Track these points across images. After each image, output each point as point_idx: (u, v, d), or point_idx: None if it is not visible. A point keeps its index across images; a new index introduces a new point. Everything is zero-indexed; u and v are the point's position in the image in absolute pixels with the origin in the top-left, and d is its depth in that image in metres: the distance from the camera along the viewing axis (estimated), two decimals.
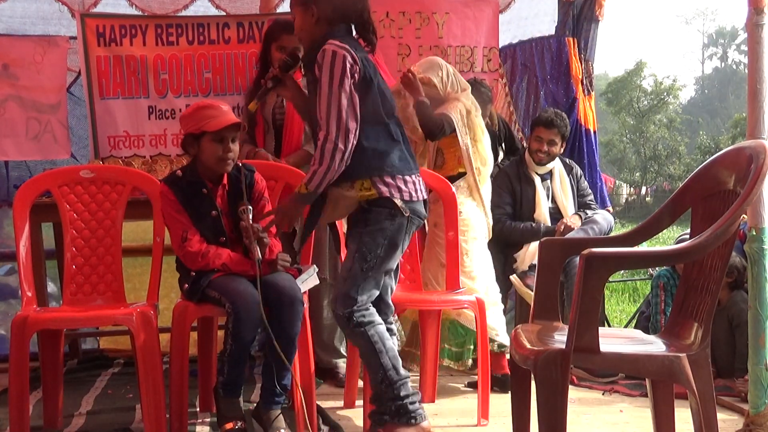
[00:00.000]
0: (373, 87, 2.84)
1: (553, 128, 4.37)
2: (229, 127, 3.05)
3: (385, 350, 2.87)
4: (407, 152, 2.94)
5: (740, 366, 3.70)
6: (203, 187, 3.11)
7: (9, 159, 4.64)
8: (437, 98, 3.88)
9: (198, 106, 3.12)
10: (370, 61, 2.89)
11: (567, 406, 2.16)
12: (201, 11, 4.78)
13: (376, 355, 2.87)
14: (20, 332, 2.95)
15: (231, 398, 3.06)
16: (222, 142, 3.04)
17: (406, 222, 2.88)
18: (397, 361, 2.89)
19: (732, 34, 58.92)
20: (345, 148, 2.77)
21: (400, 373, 2.88)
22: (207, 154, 3.06)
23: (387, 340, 2.89)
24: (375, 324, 2.89)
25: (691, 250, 2.20)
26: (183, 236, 3.04)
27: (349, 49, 2.78)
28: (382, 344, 2.87)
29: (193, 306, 3.07)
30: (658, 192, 34.43)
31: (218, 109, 3.08)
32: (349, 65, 2.76)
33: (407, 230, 2.90)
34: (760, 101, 3.06)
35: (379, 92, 2.86)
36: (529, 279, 4.16)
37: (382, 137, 2.87)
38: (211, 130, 3.02)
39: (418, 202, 2.91)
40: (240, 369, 3.02)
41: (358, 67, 2.78)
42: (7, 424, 3.03)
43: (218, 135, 3.03)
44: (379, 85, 2.87)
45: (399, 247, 2.92)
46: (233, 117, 3.09)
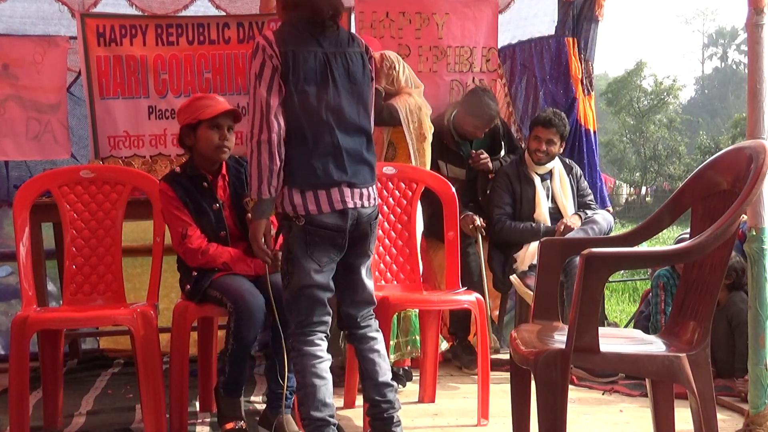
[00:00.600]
0: (290, 85, 2.63)
1: (551, 128, 4.37)
2: (225, 115, 3.10)
3: (304, 385, 2.68)
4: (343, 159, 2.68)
5: (740, 366, 3.70)
6: (204, 180, 3.13)
7: (9, 159, 4.64)
8: (390, 91, 3.95)
9: (193, 98, 3.19)
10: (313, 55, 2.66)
11: (567, 406, 2.16)
12: (201, 11, 4.79)
13: (299, 385, 2.72)
14: (20, 332, 2.96)
15: (232, 398, 3.06)
16: (218, 129, 3.10)
17: (304, 234, 2.65)
18: (314, 400, 2.66)
19: (732, 34, 58.91)
20: (268, 137, 2.59)
21: (312, 415, 2.66)
22: (204, 143, 3.11)
23: (313, 376, 2.67)
24: (304, 355, 2.69)
25: (691, 250, 2.20)
26: (183, 233, 3.05)
27: (273, 40, 2.63)
28: (303, 379, 2.69)
29: (194, 306, 3.07)
30: (658, 192, 34.42)
31: (213, 99, 3.15)
32: (267, 56, 2.61)
33: (310, 242, 2.65)
34: (760, 101, 3.06)
35: (301, 92, 2.64)
36: (529, 279, 4.16)
37: (293, 144, 2.65)
38: (207, 118, 3.08)
39: (328, 213, 2.66)
40: (241, 369, 3.02)
41: (277, 60, 2.61)
42: (7, 424, 3.04)
43: (214, 122, 3.09)
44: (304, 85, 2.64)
45: (306, 260, 2.66)
46: (228, 105, 3.13)
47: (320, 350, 2.73)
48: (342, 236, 2.71)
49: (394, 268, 3.71)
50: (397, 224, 3.73)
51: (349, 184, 2.70)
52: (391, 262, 3.70)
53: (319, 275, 2.70)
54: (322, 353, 2.73)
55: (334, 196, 2.67)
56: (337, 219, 2.68)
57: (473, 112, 4.38)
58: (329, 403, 2.70)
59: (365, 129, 2.79)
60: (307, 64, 2.65)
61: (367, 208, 2.76)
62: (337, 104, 2.70)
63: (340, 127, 2.70)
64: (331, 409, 2.72)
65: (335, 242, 2.71)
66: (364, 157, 2.77)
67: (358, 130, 2.76)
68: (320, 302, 2.73)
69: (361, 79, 2.77)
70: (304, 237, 2.67)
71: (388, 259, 3.70)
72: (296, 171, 2.66)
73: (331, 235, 2.69)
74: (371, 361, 2.84)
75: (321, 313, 2.74)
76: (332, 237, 2.69)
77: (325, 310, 2.76)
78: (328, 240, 2.69)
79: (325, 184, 2.66)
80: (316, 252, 2.68)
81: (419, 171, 3.79)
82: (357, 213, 2.72)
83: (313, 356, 2.70)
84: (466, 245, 4.26)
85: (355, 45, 2.79)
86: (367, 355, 2.85)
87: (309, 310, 2.72)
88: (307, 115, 2.66)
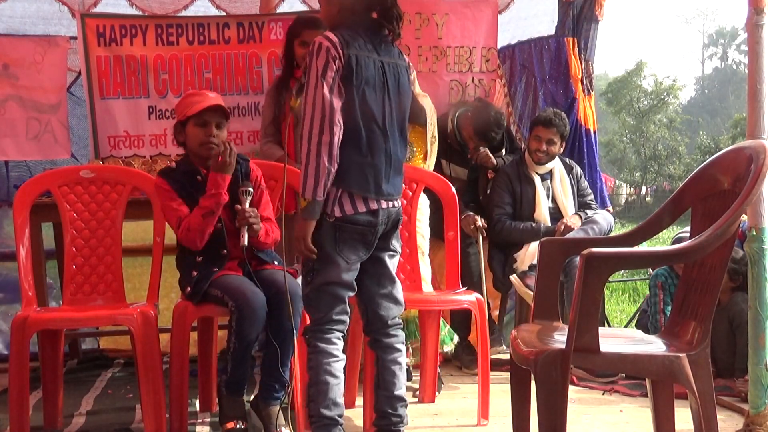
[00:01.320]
0: (352, 88, 2.61)
1: (551, 127, 4.37)
2: (210, 110, 3.10)
3: (317, 382, 2.67)
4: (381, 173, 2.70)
5: (740, 366, 3.70)
6: (197, 174, 3.15)
7: (9, 159, 4.64)
8: None
9: (185, 95, 3.24)
10: (372, 62, 2.66)
11: (567, 406, 2.16)
12: (201, 11, 4.78)
13: (311, 382, 2.71)
14: (20, 332, 2.96)
15: (234, 397, 3.07)
16: (204, 126, 3.11)
17: (334, 230, 2.65)
18: (325, 398, 2.66)
19: (732, 34, 58.91)
20: (330, 139, 2.56)
21: (321, 413, 2.66)
22: (191, 139, 3.14)
23: (327, 374, 2.66)
24: (320, 352, 2.68)
25: (691, 250, 2.20)
26: (178, 223, 3.07)
27: (337, 41, 2.59)
28: (316, 376, 2.68)
29: (193, 306, 3.07)
30: (658, 192, 34.43)
31: (202, 95, 3.17)
32: (331, 57, 2.57)
33: (340, 239, 2.66)
34: (760, 101, 3.06)
35: (361, 97, 2.63)
36: (529, 279, 4.16)
37: (350, 148, 2.64)
38: (192, 114, 3.09)
39: (363, 214, 2.67)
40: (244, 368, 3.03)
41: (340, 62, 2.58)
42: (7, 424, 3.04)
43: (200, 118, 3.10)
44: (365, 90, 2.64)
45: (335, 257, 2.66)
46: (215, 101, 3.13)
47: (336, 349, 2.72)
48: (373, 232, 2.72)
49: None
50: None
51: (388, 197, 2.74)
52: None
53: (346, 274, 2.70)
54: (337, 352, 2.72)
55: (371, 204, 2.69)
56: (368, 216, 2.70)
57: (477, 130, 4.38)
58: (339, 403, 2.70)
59: (406, 141, 2.85)
60: (368, 70, 2.65)
61: (394, 208, 2.79)
62: (390, 112, 2.72)
63: (392, 136, 2.73)
64: (341, 409, 2.71)
65: (365, 239, 2.72)
66: (402, 167, 2.83)
67: (404, 140, 2.81)
68: (341, 300, 2.73)
69: (406, 93, 2.81)
70: (334, 234, 2.67)
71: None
72: (346, 173, 2.65)
73: (362, 231, 2.69)
74: (392, 373, 2.81)
75: (340, 312, 2.73)
76: (363, 233, 2.70)
77: (345, 309, 2.75)
78: (359, 237, 2.70)
79: (372, 193, 2.68)
80: (346, 249, 2.69)
81: (419, 171, 3.79)
82: (387, 212, 2.75)
83: (329, 354, 2.69)
84: (467, 245, 4.26)
85: (403, 59, 2.83)
86: (389, 366, 2.82)
87: (329, 308, 2.71)
88: (365, 120, 2.66)
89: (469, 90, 4.80)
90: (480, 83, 4.80)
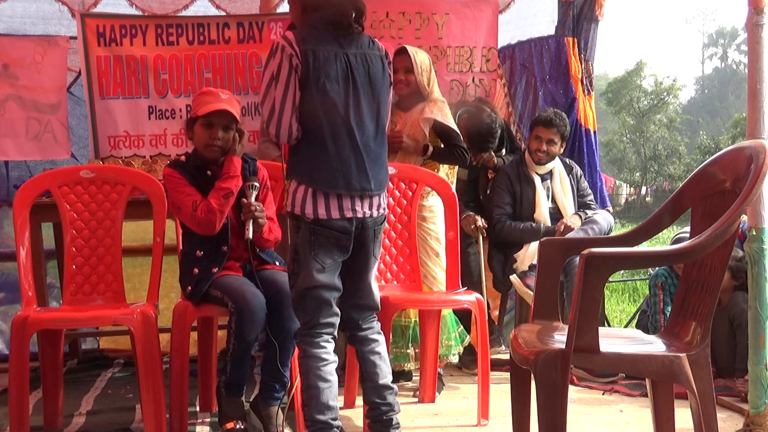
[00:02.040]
0: (310, 85, 2.62)
1: (552, 128, 4.37)
2: (216, 114, 3.08)
3: (308, 387, 2.69)
4: (360, 167, 2.69)
5: (741, 366, 3.70)
6: (207, 169, 3.15)
7: (9, 159, 4.64)
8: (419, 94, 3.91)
9: (200, 92, 3.23)
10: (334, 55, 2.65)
11: (567, 406, 2.16)
12: (201, 11, 4.78)
13: (303, 387, 2.73)
14: (20, 332, 2.96)
15: (234, 398, 3.07)
16: (210, 127, 3.10)
17: (310, 234, 2.66)
18: (317, 402, 2.67)
19: (732, 34, 58.91)
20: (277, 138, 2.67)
21: (314, 417, 2.68)
22: (197, 139, 3.15)
23: (318, 379, 2.68)
24: (309, 357, 2.70)
25: (691, 250, 2.20)
26: (194, 206, 3.05)
27: (293, 39, 2.62)
28: (307, 380, 2.70)
29: (193, 306, 3.07)
30: (658, 192, 34.43)
31: (213, 96, 3.14)
32: (286, 56, 2.60)
33: (315, 242, 2.67)
34: (760, 101, 3.06)
35: (322, 92, 2.63)
36: (529, 279, 4.16)
37: (315, 144, 2.66)
38: (200, 115, 3.09)
39: (337, 220, 2.67)
40: (243, 368, 3.03)
41: (297, 60, 2.60)
42: (7, 424, 3.04)
43: (207, 120, 3.10)
44: (325, 85, 2.63)
45: (310, 261, 2.67)
46: (223, 105, 3.09)
47: (326, 353, 2.73)
48: (347, 238, 2.72)
49: (394, 268, 3.72)
50: (397, 224, 3.73)
51: (363, 192, 2.71)
52: (391, 262, 3.71)
53: (322, 275, 2.70)
54: (327, 355, 2.73)
55: (345, 204, 2.68)
56: (343, 222, 2.70)
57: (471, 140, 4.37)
58: (332, 406, 2.71)
59: (382, 131, 2.80)
60: (328, 63, 2.64)
61: (374, 216, 2.77)
62: (358, 106, 2.69)
63: (361, 129, 2.70)
64: (334, 412, 2.72)
65: (340, 244, 2.71)
66: (382, 160, 2.79)
67: (378, 132, 2.77)
68: (326, 303, 2.73)
69: (380, 83, 2.76)
70: (309, 237, 2.68)
71: (388, 259, 3.70)
72: (315, 173, 2.66)
73: (337, 237, 2.70)
74: (372, 363, 2.84)
75: (328, 314, 2.74)
76: (337, 238, 2.70)
77: (332, 311, 2.76)
78: (333, 241, 2.70)
79: (341, 188, 2.67)
80: (321, 253, 2.69)
81: (419, 171, 3.79)
82: (363, 220, 2.74)
83: (319, 359, 2.71)
84: (467, 245, 4.26)
85: (375, 48, 2.79)
86: (368, 357, 2.85)
87: (316, 311, 2.72)
88: (328, 115, 2.65)
89: (470, 90, 4.81)
90: (480, 83, 4.80)
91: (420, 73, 3.84)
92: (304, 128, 2.67)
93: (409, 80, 3.87)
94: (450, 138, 3.91)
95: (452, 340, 4.01)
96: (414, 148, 3.86)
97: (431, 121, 3.86)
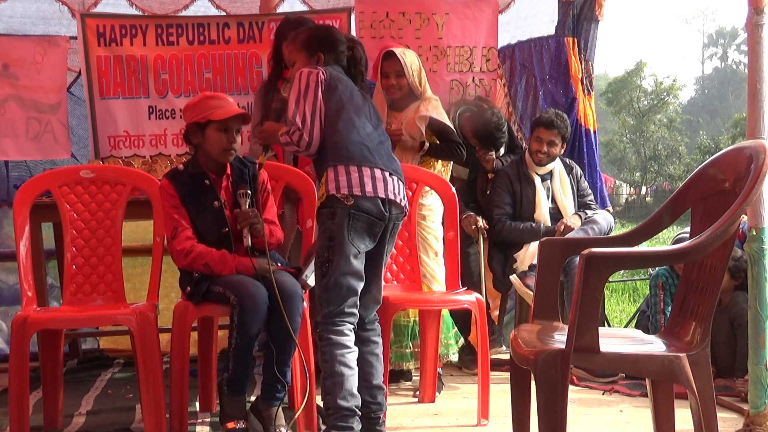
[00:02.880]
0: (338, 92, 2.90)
1: (553, 129, 4.37)
2: (235, 118, 3.11)
3: (332, 374, 2.76)
4: (380, 148, 2.93)
5: (741, 366, 3.70)
6: (206, 178, 3.14)
7: (9, 159, 4.64)
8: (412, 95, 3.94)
9: (204, 96, 3.19)
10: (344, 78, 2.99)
11: (567, 406, 2.16)
12: (201, 11, 4.79)
13: (326, 374, 2.80)
14: (20, 332, 2.96)
15: (236, 396, 3.06)
16: (227, 132, 3.10)
17: (347, 218, 2.79)
18: (341, 389, 2.76)
19: (732, 34, 58.89)
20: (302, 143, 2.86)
21: (338, 404, 2.75)
22: (211, 144, 3.11)
23: (342, 365, 2.77)
24: (333, 344, 2.79)
25: (691, 250, 2.20)
26: (173, 233, 3.07)
27: (321, 68, 2.93)
28: (331, 368, 2.77)
29: (193, 306, 3.07)
30: (658, 192, 34.43)
31: (224, 100, 3.15)
32: (315, 74, 2.89)
33: (351, 227, 2.80)
34: (760, 101, 3.06)
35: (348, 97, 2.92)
36: (529, 279, 4.16)
37: (343, 128, 2.87)
38: (217, 119, 3.07)
39: (372, 198, 2.82)
40: (246, 365, 3.02)
41: (322, 75, 2.90)
42: (7, 424, 3.04)
43: (223, 125, 3.08)
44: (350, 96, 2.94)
45: (347, 246, 2.79)
46: (238, 108, 3.16)
47: (349, 340, 2.83)
48: (380, 225, 2.87)
49: (394, 268, 3.72)
50: None
51: (391, 170, 2.91)
52: (391, 262, 3.70)
53: (357, 261, 2.83)
54: (350, 343, 2.83)
55: (379, 184, 2.84)
56: (379, 206, 2.83)
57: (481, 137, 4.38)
58: (356, 394, 2.80)
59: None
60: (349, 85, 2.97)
61: (399, 205, 2.92)
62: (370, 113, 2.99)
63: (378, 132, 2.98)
64: (358, 400, 2.81)
65: (373, 230, 2.86)
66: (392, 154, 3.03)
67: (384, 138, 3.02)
68: (353, 292, 2.84)
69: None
70: (347, 222, 2.79)
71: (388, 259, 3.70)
72: (345, 147, 2.84)
73: (372, 222, 2.84)
74: (369, 364, 2.95)
75: (352, 305, 2.84)
76: (372, 224, 2.84)
77: (355, 302, 2.86)
78: (368, 227, 2.83)
79: (375, 162, 2.86)
80: (356, 238, 2.81)
81: (419, 171, 3.79)
82: (392, 207, 2.88)
83: (343, 345, 2.80)
84: (467, 245, 4.27)
85: None
86: (366, 358, 2.94)
87: (342, 300, 2.81)
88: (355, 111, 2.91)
89: (470, 90, 4.80)
90: (480, 83, 4.80)
91: (411, 75, 3.89)
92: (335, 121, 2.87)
93: (401, 84, 3.91)
94: (445, 134, 3.95)
95: (450, 338, 4.02)
96: (411, 145, 3.88)
97: (427, 119, 3.89)
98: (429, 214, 3.90)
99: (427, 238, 3.86)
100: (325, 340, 2.80)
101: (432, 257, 3.85)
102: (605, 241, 2.89)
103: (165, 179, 3.15)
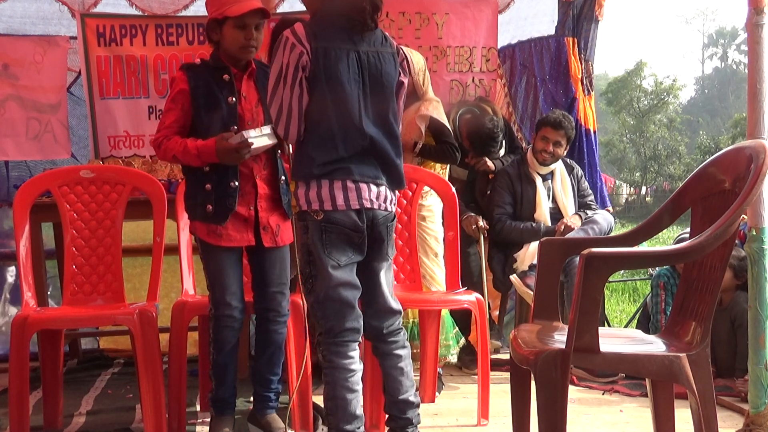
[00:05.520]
0: (322, 85, 2.56)
1: (560, 130, 4.37)
2: (252, 13, 2.91)
3: (334, 397, 2.61)
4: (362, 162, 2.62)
5: (741, 366, 3.70)
6: (226, 72, 2.97)
7: (9, 159, 4.64)
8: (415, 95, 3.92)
9: None
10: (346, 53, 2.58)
11: (567, 406, 2.16)
12: (201, 11, 4.74)
13: (328, 396, 2.64)
14: (20, 332, 2.96)
15: (221, 416, 3.03)
16: (244, 28, 2.92)
17: (320, 232, 2.58)
18: (344, 413, 2.60)
19: (732, 34, 58.90)
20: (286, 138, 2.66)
21: (341, 427, 2.61)
22: (229, 41, 2.94)
23: (344, 390, 2.60)
24: (336, 369, 2.61)
25: (691, 250, 2.20)
26: (162, 125, 2.93)
27: (304, 34, 2.55)
28: (333, 391, 2.61)
29: (191, 303, 3.07)
30: (658, 192, 34.43)
31: None
32: (297, 54, 2.53)
33: (326, 240, 2.58)
34: (760, 101, 3.05)
35: (333, 93, 2.57)
36: (529, 279, 4.16)
37: (324, 144, 2.58)
38: (233, 16, 2.90)
39: (344, 211, 2.59)
40: (228, 381, 2.99)
41: (307, 57, 2.53)
42: (7, 424, 3.04)
43: (240, 21, 2.90)
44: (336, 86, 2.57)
45: (325, 259, 2.58)
46: (256, 3, 2.94)
47: (352, 362, 2.64)
48: (359, 236, 2.63)
49: (394, 268, 3.71)
50: (396, 224, 3.73)
51: (374, 180, 2.64)
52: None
53: (339, 271, 2.60)
54: (354, 365, 2.64)
55: (351, 194, 2.59)
56: (353, 218, 2.61)
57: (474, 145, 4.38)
58: (359, 415, 2.65)
59: (394, 133, 2.71)
60: (339, 62, 2.57)
61: (383, 210, 2.68)
62: (369, 107, 2.63)
63: (371, 130, 2.63)
64: (360, 421, 2.66)
65: (352, 241, 2.62)
66: (393, 160, 2.69)
67: (388, 133, 2.68)
68: (348, 304, 2.63)
69: (392, 82, 2.69)
70: (320, 235, 2.59)
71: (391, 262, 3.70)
72: (324, 164, 2.57)
73: (347, 234, 2.61)
74: (392, 378, 2.77)
75: (351, 317, 2.64)
76: (348, 235, 2.61)
77: (355, 314, 2.65)
78: (345, 239, 2.61)
79: (352, 175, 2.59)
80: (334, 251, 2.60)
81: (419, 171, 3.79)
82: (372, 214, 2.65)
83: (346, 370, 2.62)
84: (467, 245, 4.26)
85: (388, 45, 2.70)
86: (389, 372, 2.77)
87: (338, 315, 2.62)
88: (339, 116, 2.58)
89: (470, 90, 4.80)
90: (480, 83, 4.80)
91: (416, 74, 3.88)
92: (312, 128, 2.59)
93: None
94: (441, 135, 3.96)
95: (450, 339, 4.02)
96: (408, 146, 3.88)
97: (428, 118, 3.89)
98: (429, 215, 3.90)
99: (426, 239, 3.86)
100: (328, 362, 2.63)
101: (432, 258, 3.86)
102: (605, 241, 2.89)
103: (180, 71, 3.00)
